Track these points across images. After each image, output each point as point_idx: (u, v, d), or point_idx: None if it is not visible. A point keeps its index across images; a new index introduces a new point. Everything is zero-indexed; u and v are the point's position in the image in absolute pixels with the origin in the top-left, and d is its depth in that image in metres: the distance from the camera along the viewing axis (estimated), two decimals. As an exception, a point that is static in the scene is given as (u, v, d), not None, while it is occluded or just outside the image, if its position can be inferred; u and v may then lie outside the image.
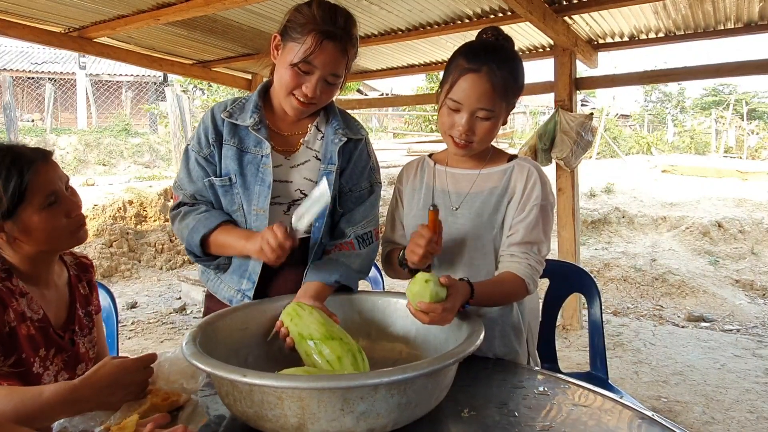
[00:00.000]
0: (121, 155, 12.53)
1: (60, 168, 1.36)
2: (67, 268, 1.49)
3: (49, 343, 1.32)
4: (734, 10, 4.05)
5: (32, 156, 1.29)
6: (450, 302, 1.19)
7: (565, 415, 1.14)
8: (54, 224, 1.30)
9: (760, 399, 3.54)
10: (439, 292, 1.18)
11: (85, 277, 1.53)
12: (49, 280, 1.40)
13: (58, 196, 1.31)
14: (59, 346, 1.35)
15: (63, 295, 1.44)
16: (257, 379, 0.93)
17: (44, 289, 1.37)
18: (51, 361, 1.32)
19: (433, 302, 1.17)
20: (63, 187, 1.34)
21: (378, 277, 2.65)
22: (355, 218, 1.58)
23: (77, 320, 1.44)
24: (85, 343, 1.45)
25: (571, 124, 4.60)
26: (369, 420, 0.96)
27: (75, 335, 1.42)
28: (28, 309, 1.29)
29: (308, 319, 1.25)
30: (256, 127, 1.49)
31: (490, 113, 1.41)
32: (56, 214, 1.30)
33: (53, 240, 1.31)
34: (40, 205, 1.27)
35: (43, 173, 1.28)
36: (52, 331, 1.35)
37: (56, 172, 1.33)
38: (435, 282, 1.18)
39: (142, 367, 1.14)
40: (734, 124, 18.32)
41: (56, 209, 1.30)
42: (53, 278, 1.42)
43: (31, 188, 1.26)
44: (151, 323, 5.34)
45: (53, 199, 1.29)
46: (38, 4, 3.92)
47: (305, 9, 1.42)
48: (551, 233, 1.51)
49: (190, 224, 1.49)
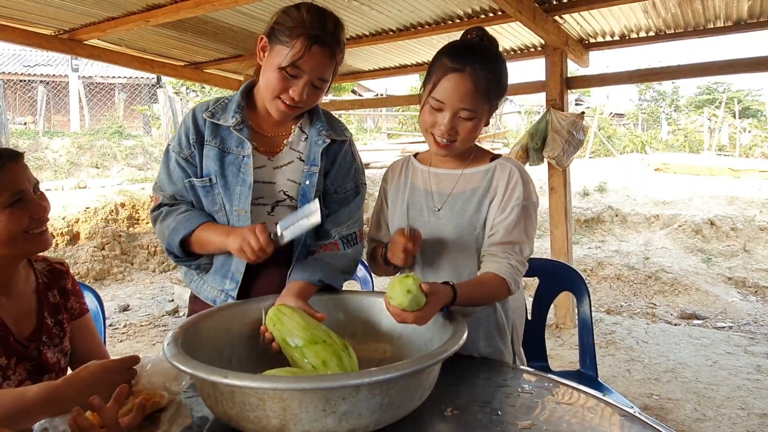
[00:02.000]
0: (114, 158, 12.49)
1: (30, 171, 1.34)
2: (36, 276, 1.45)
3: (9, 352, 1.29)
4: (723, 9, 4.07)
5: (1, 154, 1.27)
6: (423, 311, 1.19)
7: (548, 413, 1.14)
8: (15, 225, 1.27)
9: (752, 396, 3.56)
10: (419, 300, 1.18)
11: (57, 284, 1.49)
12: (11, 287, 1.37)
13: (23, 197, 1.29)
14: (21, 354, 1.32)
15: (29, 303, 1.40)
16: (238, 381, 0.93)
17: (2, 296, 1.34)
18: (13, 370, 1.30)
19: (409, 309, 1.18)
20: (31, 189, 1.32)
21: (368, 278, 2.65)
22: (340, 219, 1.58)
23: (45, 329, 1.40)
24: (55, 352, 1.41)
25: (563, 124, 4.62)
26: (351, 420, 0.96)
27: (42, 345, 1.38)
28: None
29: (290, 325, 1.25)
30: (238, 127, 1.48)
31: (472, 113, 1.41)
32: (19, 215, 1.28)
33: (13, 242, 1.28)
34: (3, 204, 1.25)
35: (10, 172, 1.27)
36: (13, 339, 1.31)
37: (24, 173, 1.31)
38: (415, 289, 1.17)
39: (125, 368, 1.13)
40: (727, 122, 18.41)
41: (20, 210, 1.28)
42: (17, 286, 1.38)
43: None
44: (144, 326, 5.32)
45: (18, 199, 1.27)
46: (27, 7, 3.91)
47: (294, 12, 1.41)
48: (535, 233, 1.51)
49: (170, 225, 1.48)
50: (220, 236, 1.43)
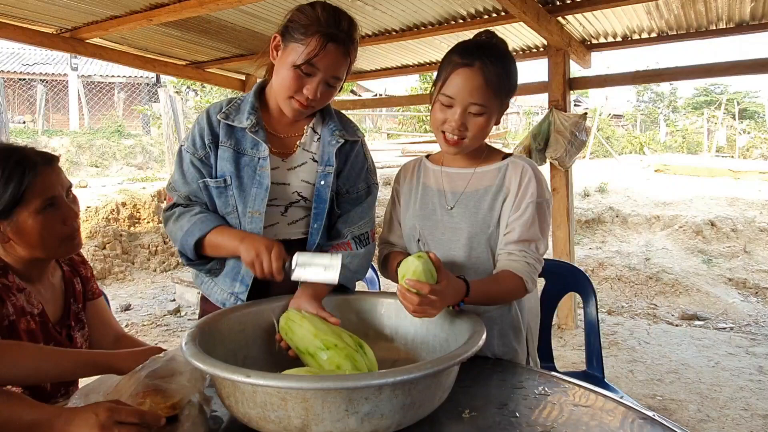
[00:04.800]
0: (113, 157, 12.46)
1: (64, 174, 1.36)
2: (60, 265, 1.49)
3: (48, 338, 1.33)
4: (726, 11, 4.08)
5: (37, 159, 1.29)
6: (435, 289, 1.17)
7: (566, 415, 1.14)
8: (48, 230, 1.29)
9: (754, 396, 3.56)
10: (432, 270, 1.19)
11: (79, 273, 1.54)
12: (45, 278, 1.41)
13: (56, 202, 1.30)
14: (57, 341, 1.36)
15: (58, 291, 1.45)
16: (261, 380, 0.93)
17: (40, 286, 1.38)
18: None
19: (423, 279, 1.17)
20: (64, 193, 1.33)
21: (374, 277, 2.65)
22: (352, 219, 1.57)
23: (72, 315, 1.45)
24: (80, 337, 1.46)
25: (565, 124, 4.62)
26: (373, 421, 0.96)
27: (71, 330, 1.43)
28: (28, 304, 1.30)
29: (300, 332, 1.25)
30: (254, 129, 1.48)
31: (482, 108, 1.41)
32: (52, 220, 1.30)
33: (45, 246, 1.31)
34: (36, 209, 1.27)
35: (44, 177, 1.28)
36: (51, 326, 1.35)
37: (59, 178, 1.33)
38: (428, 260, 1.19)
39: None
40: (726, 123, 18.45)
41: (53, 215, 1.30)
42: (48, 276, 1.43)
43: (31, 190, 1.26)
44: (146, 325, 5.31)
45: (51, 204, 1.29)
46: (29, 5, 3.90)
47: (309, 10, 1.41)
48: (549, 231, 1.51)
49: (184, 226, 1.47)
50: (233, 241, 1.41)
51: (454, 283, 1.24)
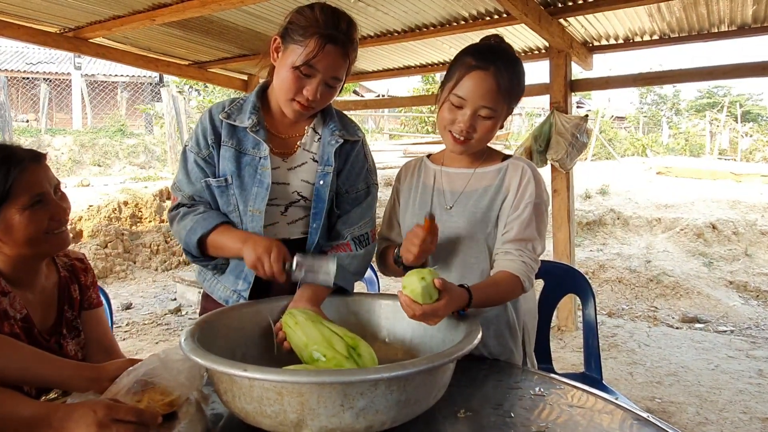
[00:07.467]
0: (116, 156, 12.50)
1: (51, 171, 1.35)
2: (58, 270, 1.46)
3: (33, 344, 1.29)
4: (728, 13, 4.08)
5: (23, 155, 1.28)
6: (434, 307, 1.19)
7: (561, 416, 1.14)
8: (35, 226, 1.28)
9: (754, 400, 3.56)
10: (431, 292, 1.19)
11: (78, 279, 1.51)
12: (34, 283, 1.38)
13: (44, 198, 1.29)
14: (43, 348, 1.32)
15: (50, 297, 1.42)
16: (258, 374, 0.94)
17: (27, 291, 1.35)
18: None
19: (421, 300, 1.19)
20: (52, 190, 1.32)
21: (373, 278, 2.65)
22: (352, 219, 1.58)
23: (65, 323, 1.42)
24: (74, 345, 1.43)
25: (566, 126, 4.62)
26: (368, 417, 0.97)
27: (63, 338, 1.40)
28: (11, 308, 1.28)
29: (294, 340, 1.26)
30: (255, 128, 1.49)
31: (492, 112, 1.43)
32: (39, 217, 1.28)
33: (32, 243, 1.29)
34: (23, 205, 1.25)
35: (31, 173, 1.27)
36: (37, 332, 1.33)
37: (46, 174, 1.31)
38: (430, 280, 1.19)
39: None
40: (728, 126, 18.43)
41: (40, 211, 1.28)
42: (39, 281, 1.40)
43: (17, 187, 1.24)
44: (146, 324, 5.32)
45: (39, 200, 1.28)
46: (33, 4, 3.92)
47: (308, 12, 1.42)
48: (546, 232, 1.52)
49: (188, 225, 1.48)
50: (236, 242, 1.43)
51: (455, 296, 1.24)
